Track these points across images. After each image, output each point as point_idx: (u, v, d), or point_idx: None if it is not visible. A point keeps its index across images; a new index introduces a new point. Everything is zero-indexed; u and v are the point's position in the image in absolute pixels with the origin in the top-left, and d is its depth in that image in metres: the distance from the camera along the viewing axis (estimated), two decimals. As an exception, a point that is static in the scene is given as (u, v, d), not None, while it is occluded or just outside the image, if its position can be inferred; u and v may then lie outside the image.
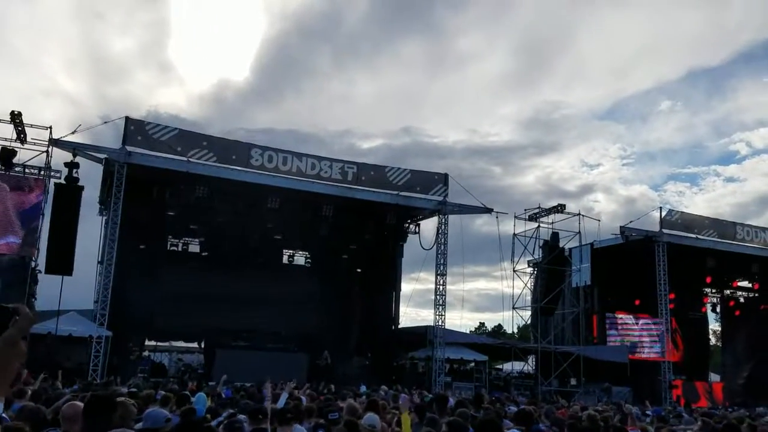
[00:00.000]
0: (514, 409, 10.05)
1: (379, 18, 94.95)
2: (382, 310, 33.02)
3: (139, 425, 4.81)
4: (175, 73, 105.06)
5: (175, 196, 26.69)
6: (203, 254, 31.72)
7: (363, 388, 18.98)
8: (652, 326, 32.49)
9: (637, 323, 34.01)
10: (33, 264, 24.18)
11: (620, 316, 33.59)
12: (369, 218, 30.04)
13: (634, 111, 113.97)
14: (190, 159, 24.31)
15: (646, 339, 33.79)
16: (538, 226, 31.96)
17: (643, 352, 32.27)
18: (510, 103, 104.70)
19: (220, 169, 24.93)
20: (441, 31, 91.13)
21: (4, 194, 23.67)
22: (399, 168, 28.16)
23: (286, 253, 33.97)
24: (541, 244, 32.18)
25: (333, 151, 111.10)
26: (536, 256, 32.97)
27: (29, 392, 7.39)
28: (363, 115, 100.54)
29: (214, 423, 5.91)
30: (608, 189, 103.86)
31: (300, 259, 34.79)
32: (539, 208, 31.92)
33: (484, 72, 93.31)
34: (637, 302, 34.42)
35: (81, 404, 4.21)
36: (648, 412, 10.83)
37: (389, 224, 30.97)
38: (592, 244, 31.23)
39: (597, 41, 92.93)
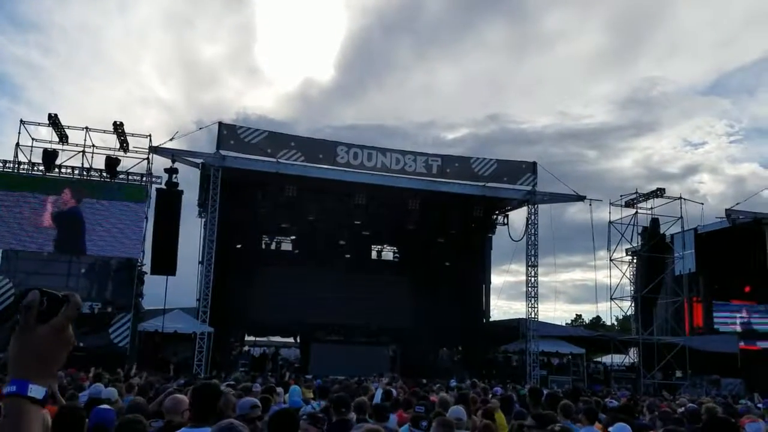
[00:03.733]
0: (615, 403, 9.63)
1: (460, 3, 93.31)
2: (472, 303, 32.69)
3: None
4: (262, 75, 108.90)
5: (267, 197, 27.59)
6: (295, 252, 32.68)
7: (453, 382, 18.84)
8: (765, 314, 30.21)
9: (747, 311, 31.75)
10: (139, 265, 25.76)
11: (728, 304, 31.50)
12: (456, 211, 29.79)
13: (740, 84, 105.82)
14: (279, 160, 25.10)
15: (759, 327, 31.50)
16: (636, 213, 30.61)
17: (756, 342, 30.09)
18: (603, 82, 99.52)
19: (307, 168, 25.58)
20: (525, 10, 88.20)
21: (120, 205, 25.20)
22: (484, 158, 27.78)
23: (375, 249, 34.36)
24: (639, 231, 30.93)
25: (418, 143, 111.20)
26: (635, 244, 31.58)
27: (136, 387, 7.85)
28: (447, 104, 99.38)
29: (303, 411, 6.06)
30: (714, 169, 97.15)
31: (388, 254, 35.14)
32: (636, 193, 30.53)
33: (573, 51, 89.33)
34: (747, 289, 32.15)
35: (181, 397, 4.50)
36: (759, 405, 10.06)
37: (477, 216, 30.60)
38: (695, 229, 29.53)
39: (697, 11, 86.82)
